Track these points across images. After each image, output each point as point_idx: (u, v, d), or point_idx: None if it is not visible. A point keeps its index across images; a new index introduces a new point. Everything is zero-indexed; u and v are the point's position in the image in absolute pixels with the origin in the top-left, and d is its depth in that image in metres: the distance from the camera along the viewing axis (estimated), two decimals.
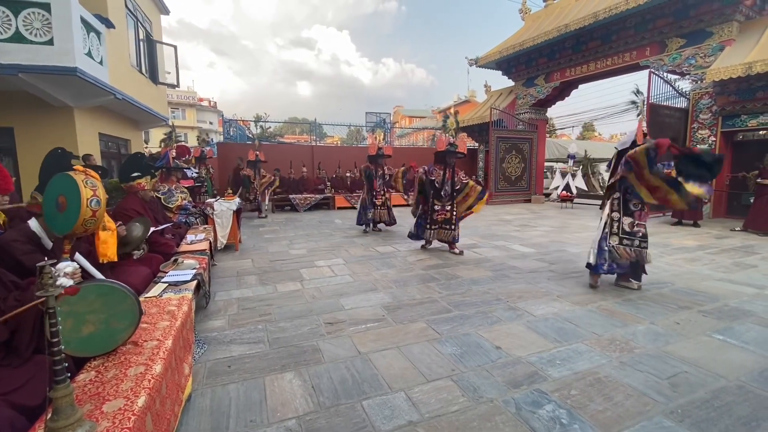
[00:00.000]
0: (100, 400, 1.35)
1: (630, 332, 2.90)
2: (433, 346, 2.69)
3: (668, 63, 9.34)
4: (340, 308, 3.42)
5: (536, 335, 2.86)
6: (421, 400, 2.06)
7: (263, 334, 2.88)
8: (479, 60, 14.22)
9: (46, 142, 5.79)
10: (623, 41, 10.24)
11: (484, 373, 2.33)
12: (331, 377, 2.30)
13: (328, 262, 5.05)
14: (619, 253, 3.72)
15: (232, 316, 3.24)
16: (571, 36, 11.10)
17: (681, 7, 8.80)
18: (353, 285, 4.10)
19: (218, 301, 3.61)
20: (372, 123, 17.52)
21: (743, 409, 1.98)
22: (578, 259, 5.21)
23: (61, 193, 1.82)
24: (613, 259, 3.75)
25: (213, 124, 36.28)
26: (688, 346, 2.67)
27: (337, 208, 11.61)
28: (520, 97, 13.92)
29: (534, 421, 1.88)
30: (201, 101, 38.14)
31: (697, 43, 8.79)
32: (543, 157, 14.55)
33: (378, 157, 7.21)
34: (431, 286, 4.04)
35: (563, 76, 12.21)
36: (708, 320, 3.12)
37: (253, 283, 4.19)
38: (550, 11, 12.87)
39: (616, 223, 3.77)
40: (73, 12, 5.62)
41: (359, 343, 2.74)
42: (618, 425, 1.85)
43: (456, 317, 3.20)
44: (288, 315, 3.27)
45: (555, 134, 30.26)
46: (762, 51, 7.35)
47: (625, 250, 3.71)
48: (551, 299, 3.64)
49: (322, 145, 15.59)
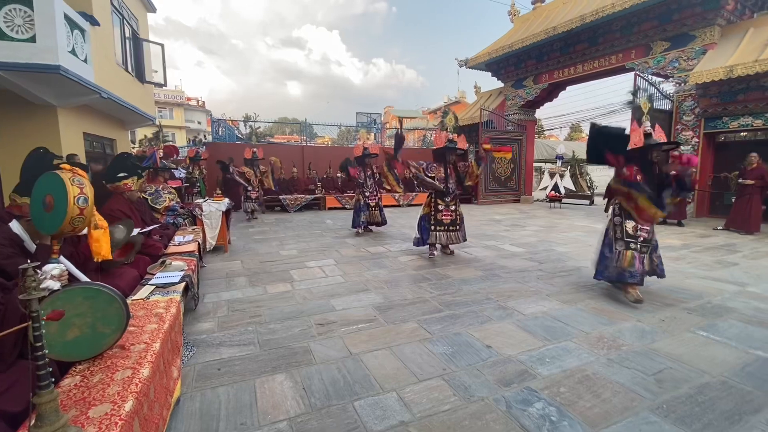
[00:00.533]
0: (86, 405, 1.32)
1: (617, 330, 2.95)
2: (424, 345, 2.70)
3: (653, 65, 9.53)
4: (331, 309, 3.41)
5: (526, 334, 2.89)
6: (413, 400, 2.07)
7: (253, 336, 2.86)
8: (469, 61, 14.32)
9: (29, 141, 5.64)
10: (609, 44, 10.42)
11: (475, 372, 2.35)
12: (323, 378, 2.29)
13: (319, 263, 5.03)
14: (625, 258, 3.46)
15: (222, 318, 3.21)
16: (558, 38, 11.25)
17: (665, 11, 8.98)
18: (344, 286, 4.09)
19: (207, 303, 3.57)
20: (363, 123, 17.51)
21: (726, 403, 2.03)
22: (566, 258, 5.29)
23: (48, 193, 1.78)
24: (618, 264, 3.50)
25: (201, 123, 35.83)
26: (673, 343, 2.73)
27: (327, 208, 11.56)
28: (509, 98, 14.05)
29: (524, 419, 1.90)
30: (189, 101, 37.64)
31: (681, 47, 8.99)
32: (532, 158, 14.71)
33: (365, 158, 7.07)
34: (422, 286, 4.05)
35: (551, 77, 12.36)
36: (692, 317, 3.20)
37: (242, 284, 4.15)
38: (538, 13, 13.03)
39: (619, 228, 3.60)
40: (57, 8, 5.49)
41: (351, 343, 2.73)
42: (606, 421, 1.89)
43: (447, 317, 3.22)
44: (278, 316, 3.24)
45: (544, 135, 30.61)
46: (742, 55, 7.55)
47: (632, 254, 3.44)
48: (540, 298, 3.68)
49: (312, 146, 15.52)
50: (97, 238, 2.09)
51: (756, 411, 1.97)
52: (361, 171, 7.11)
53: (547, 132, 31.82)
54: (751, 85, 7.69)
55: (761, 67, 7.04)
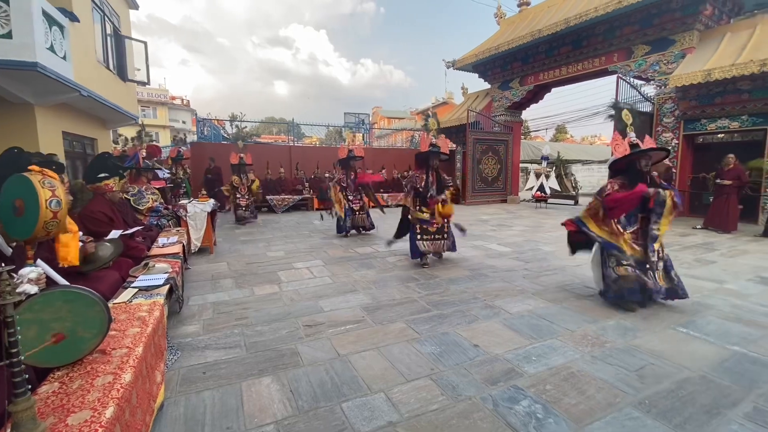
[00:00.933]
0: (65, 412, 1.28)
1: (601, 327, 3.01)
2: (412, 346, 2.71)
3: (634, 69, 9.76)
4: (319, 310, 3.39)
5: (512, 332, 2.93)
6: (401, 400, 2.07)
7: (240, 339, 2.82)
8: (456, 63, 14.43)
9: (5, 141, 5.45)
10: (593, 47, 10.63)
11: (463, 372, 2.36)
12: (310, 380, 2.27)
13: (306, 264, 5.00)
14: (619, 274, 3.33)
15: (207, 321, 3.16)
16: (544, 41, 11.43)
17: (646, 16, 9.21)
18: (332, 287, 4.07)
19: (192, 306, 3.51)
20: (351, 123, 17.47)
21: (705, 397, 2.09)
22: (552, 257, 5.37)
23: (17, 197, 1.71)
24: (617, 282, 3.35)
25: (186, 123, 35.23)
26: (654, 340, 2.79)
27: (315, 209, 11.50)
28: (495, 100, 14.21)
29: (511, 417, 1.92)
30: (173, 99, 36.94)
31: (661, 50, 9.23)
32: (518, 159, 14.90)
33: (349, 160, 6.97)
34: (410, 286, 4.06)
35: (537, 79, 12.55)
36: (672, 314, 3.28)
37: (228, 286, 4.10)
38: (524, 16, 13.22)
39: None
40: (34, 3, 5.32)
41: (338, 345, 2.72)
42: (590, 417, 1.92)
43: (435, 317, 3.23)
44: (265, 318, 3.21)
45: (530, 136, 31.01)
46: (720, 59, 7.79)
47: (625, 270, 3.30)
48: (526, 297, 3.73)
49: (300, 146, 15.42)
50: (66, 243, 2.01)
51: (733, 405, 2.03)
52: (344, 173, 7.03)
53: (534, 133, 32.27)
54: (728, 89, 7.94)
55: (738, 71, 7.27)
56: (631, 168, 3.42)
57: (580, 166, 21.87)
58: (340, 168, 7.16)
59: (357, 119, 17.22)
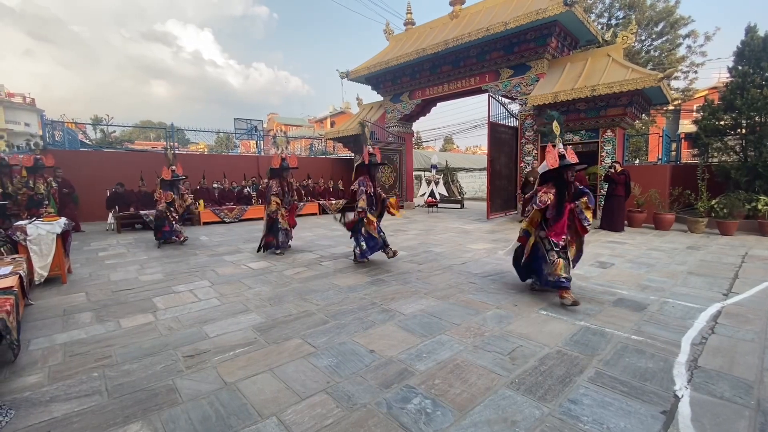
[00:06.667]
0: None
1: (482, 318, 3.34)
2: (308, 361, 2.62)
3: (502, 89, 11.26)
4: (203, 337, 3.05)
5: (406, 333, 3.05)
6: (294, 421, 1.97)
7: (100, 383, 2.37)
8: (350, 74, 14.74)
9: None
10: (468, 68, 11.94)
11: (359, 379, 2.37)
12: (190, 418, 2.02)
13: (189, 286, 4.48)
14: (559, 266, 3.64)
15: (55, 368, 2.59)
16: (427, 59, 12.43)
17: (508, 44, 10.73)
18: (220, 309, 3.72)
19: (34, 351, 2.84)
20: (242, 130, 16.46)
21: (560, 369, 2.46)
22: (441, 257, 5.80)
23: None
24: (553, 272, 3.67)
25: (30, 125, 28.97)
26: (522, 324, 3.21)
27: (203, 223, 10.48)
28: (389, 111, 14.91)
29: (403, 417, 1.99)
30: (11, 96, 30.08)
31: (521, 74, 10.83)
32: (411, 167, 15.84)
33: (283, 170, 6.48)
34: (308, 299, 3.95)
35: (424, 94, 13.56)
36: (536, 299, 3.82)
37: (86, 321, 3.43)
38: (410, 35, 14.19)
39: (546, 240, 3.79)
40: None
41: (225, 372, 2.49)
42: (472, 404, 2.09)
43: (332, 327, 3.19)
44: (135, 354, 2.77)
45: (422, 146, 33.40)
46: (563, 83, 9.47)
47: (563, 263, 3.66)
48: (419, 297, 3.95)
49: (183, 153, 13.91)
50: None
51: (580, 372, 2.43)
52: (278, 185, 6.47)
53: (426, 143, 34.84)
54: (570, 108, 9.68)
55: (576, 94, 8.94)
56: (560, 178, 3.78)
57: (464, 174, 24.30)
58: (273, 178, 6.53)
59: (249, 125, 16.29)
